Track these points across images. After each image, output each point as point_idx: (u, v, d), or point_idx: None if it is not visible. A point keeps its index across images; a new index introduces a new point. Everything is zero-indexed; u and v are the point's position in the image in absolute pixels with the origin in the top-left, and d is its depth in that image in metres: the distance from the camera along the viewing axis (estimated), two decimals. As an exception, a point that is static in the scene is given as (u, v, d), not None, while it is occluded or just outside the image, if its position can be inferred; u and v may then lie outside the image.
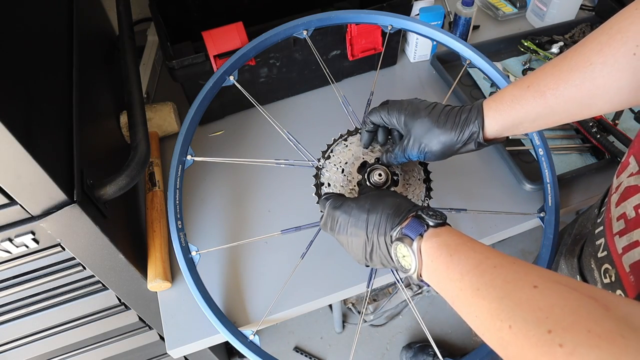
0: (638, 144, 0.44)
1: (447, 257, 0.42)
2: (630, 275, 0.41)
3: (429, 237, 0.44)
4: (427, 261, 0.44)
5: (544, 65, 0.49)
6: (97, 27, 0.87)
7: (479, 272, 0.38)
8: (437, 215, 0.46)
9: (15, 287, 0.59)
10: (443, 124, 0.53)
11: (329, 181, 0.60)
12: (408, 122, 0.55)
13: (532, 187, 0.75)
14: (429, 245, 0.44)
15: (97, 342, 0.81)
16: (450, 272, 0.41)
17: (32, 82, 0.50)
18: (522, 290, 0.34)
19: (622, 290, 0.42)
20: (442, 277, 0.42)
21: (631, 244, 0.41)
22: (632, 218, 0.42)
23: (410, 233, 0.45)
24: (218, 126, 0.90)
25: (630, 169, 0.44)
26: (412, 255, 0.44)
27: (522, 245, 1.69)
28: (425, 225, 0.45)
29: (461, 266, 0.40)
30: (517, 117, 0.50)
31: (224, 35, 0.76)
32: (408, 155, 0.56)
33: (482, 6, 1.16)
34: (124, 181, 0.56)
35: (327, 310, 1.53)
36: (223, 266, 0.71)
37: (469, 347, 1.47)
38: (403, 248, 0.45)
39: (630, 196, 0.42)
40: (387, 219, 0.48)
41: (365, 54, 0.90)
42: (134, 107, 0.66)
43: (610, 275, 0.45)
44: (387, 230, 0.47)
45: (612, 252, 0.45)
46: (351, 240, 0.50)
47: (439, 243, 0.43)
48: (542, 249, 0.68)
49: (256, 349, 0.60)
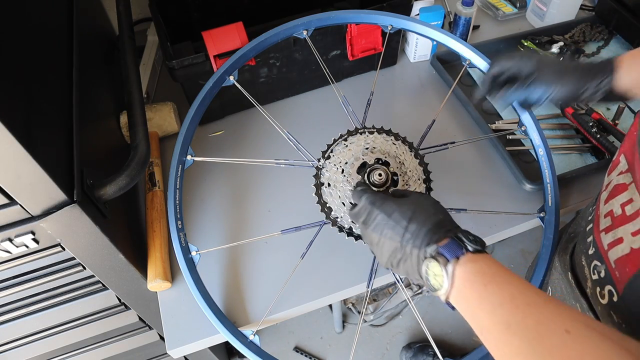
0: (628, 143, 0.44)
1: (481, 285, 0.40)
2: (616, 271, 0.42)
3: (465, 262, 0.42)
4: (459, 286, 0.42)
5: None
6: (97, 27, 0.87)
7: (512, 307, 0.37)
8: (477, 241, 0.44)
9: (15, 287, 0.59)
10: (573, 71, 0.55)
11: (329, 181, 0.60)
12: (539, 64, 0.56)
13: (532, 187, 0.75)
14: (464, 269, 0.42)
15: (97, 342, 0.81)
16: (483, 302, 0.39)
17: (32, 82, 0.50)
18: (554, 335, 0.33)
19: (612, 286, 0.43)
20: (473, 306, 0.41)
21: (615, 240, 0.42)
22: (618, 215, 0.42)
23: (447, 253, 0.43)
24: (218, 126, 0.90)
25: (620, 168, 0.44)
26: (446, 276, 0.42)
27: (522, 245, 1.69)
28: (463, 249, 0.43)
29: (494, 298, 0.39)
30: None
31: (224, 35, 0.76)
32: (530, 93, 0.56)
33: (482, 6, 1.16)
34: (124, 181, 0.56)
35: (327, 310, 1.53)
36: (223, 266, 0.71)
37: (469, 347, 1.47)
38: (437, 267, 0.43)
39: (618, 194, 0.43)
40: (426, 232, 0.46)
41: (365, 54, 0.90)
42: (134, 107, 0.66)
43: (599, 271, 0.46)
44: (422, 244, 0.46)
45: (599, 249, 0.45)
46: (383, 242, 0.49)
47: (475, 270, 0.42)
48: (542, 249, 0.68)
49: (256, 349, 0.60)
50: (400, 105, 0.94)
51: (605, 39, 1.01)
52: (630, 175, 0.42)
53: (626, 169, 0.43)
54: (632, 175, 0.42)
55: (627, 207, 0.41)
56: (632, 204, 0.41)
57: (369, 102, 0.71)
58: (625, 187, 0.42)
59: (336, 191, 0.59)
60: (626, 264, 0.40)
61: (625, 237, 0.41)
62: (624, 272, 0.40)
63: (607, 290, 0.44)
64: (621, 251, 0.41)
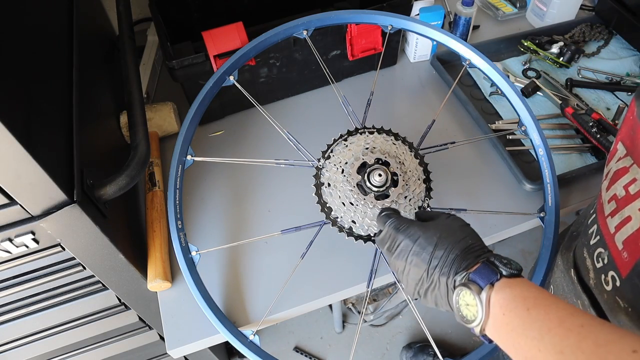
0: (625, 128, 0.44)
1: (524, 310, 0.37)
2: (624, 252, 0.40)
3: (501, 288, 0.39)
4: (496, 314, 0.39)
5: None
6: (97, 27, 0.87)
7: (563, 331, 0.33)
8: (512, 264, 0.41)
9: (15, 287, 0.59)
10: None
11: (329, 181, 0.60)
12: None
13: (532, 187, 0.75)
14: (501, 296, 0.39)
15: (97, 342, 0.81)
16: (527, 329, 0.35)
17: (32, 82, 0.50)
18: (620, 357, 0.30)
19: (615, 271, 0.42)
20: (515, 334, 0.37)
21: (623, 221, 0.41)
22: (622, 197, 0.42)
23: (479, 280, 0.40)
24: (218, 126, 0.90)
25: (618, 154, 0.44)
26: (480, 305, 0.39)
27: (522, 245, 1.69)
28: (498, 274, 0.40)
29: (540, 323, 0.35)
30: None
31: (224, 35, 0.76)
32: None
33: (482, 6, 1.16)
34: (124, 181, 0.56)
35: (327, 310, 1.53)
36: (223, 266, 0.71)
37: (469, 347, 1.47)
38: (469, 296, 0.40)
39: (619, 178, 0.43)
40: (454, 259, 0.43)
41: (365, 54, 0.90)
42: (134, 107, 0.66)
43: (602, 258, 0.45)
44: (451, 272, 0.43)
45: (604, 235, 0.45)
46: (408, 270, 0.46)
47: (513, 295, 0.38)
48: (542, 249, 0.68)
49: (256, 349, 0.60)
50: (400, 105, 0.94)
51: (605, 39, 1.01)
52: (630, 158, 0.42)
53: (625, 154, 0.43)
54: (632, 158, 0.42)
55: (631, 187, 0.40)
56: (635, 183, 0.40)
57: (369, 102, 0.71)
58: (626, 170, 0.42)
59: (336, 191, 0.59)
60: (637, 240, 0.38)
61: (633, 215, 0.39)
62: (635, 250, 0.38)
63: (611, 276, 0.43)
64: (631, 229, 0.39)
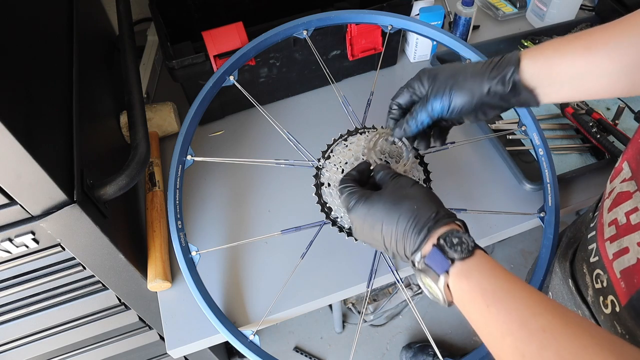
0: (632, 150, 0.43)
1: (484, 307, 0.36)
2: (621, 282, 0.40)
3: (458, 277, 0.38)
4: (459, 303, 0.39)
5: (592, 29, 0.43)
6: (97, 27, 0.87)
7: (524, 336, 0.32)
8: (463, 244, 0.39)
9: (15, 287, 0.59)
10: (472, 67, 0.46)
11: (329, 181, 0.60)
12: (432, 76, 0.48)
13: (532, 187, 0.75)
14: (459, 286, 0.38)
15: (97, 342, 0.81)
16: (489, 327, 0.35)
17: (32, 82, 0.50)
18: None
19: (614, 296, 0.42)
20: (479, 328, 0.37)
21: (621, 250, 0.40)
22: (623, 224, 0.41)
23: (434, 267, 0.39)
24: (218, 126, 0.90)
25: (623, 175, 0.43)
26: (439, 292, 0.39)
27: (522, 245, 1.69)
28: (449, 260, 0.39)
29: (501, 323, 0.34)
30: (557, 66, 0.43)
31: (224, 35, 0.76)
32: (431, 107, 0.47)
33: (482, 6, 1.16)
34: (124, 181, 0.56)
35: (327, 310, 1.53)
36: (223, 266, 0.71)
37: (469, 347, 1.47)
38: (429, 281, 0.40)
39: (622, 202, 0.42)
40: (403, 233, 0.42)
41: (365, 54, 0.90)
42: (134, 107, 0.66)
43: (602, 280, 0.44)
44: (406, 248, 0.42)
45: (603, 258, 0.44)
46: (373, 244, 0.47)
47: (470, 287, 0.37)
48: (542, 249, 0.68)
49: (256, 349, 0.60)
50: (400, 105, 0.94)
51: (605, 39, 1.01)
52: (634, 183, 0.41)
53: (630, 177, 0.42)
54: (636, 183, 0.40)
55: (632, 216, 0.39)
56: (637, 212, 0.39)
57: (369, 102, 0.71)
58: (630, 195, 0.41)
59: (336, 191, 0.59)
60: (633, 275, 0.38)
61: (631, 247, 0.39)
62: (631, 283, 0.38)
63: (610, 300, 0.42)
64: (627, 261, 0.39)
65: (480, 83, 0.45)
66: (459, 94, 0.46)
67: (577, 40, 0.43)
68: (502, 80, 0.45)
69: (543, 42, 0.45)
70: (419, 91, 0.50)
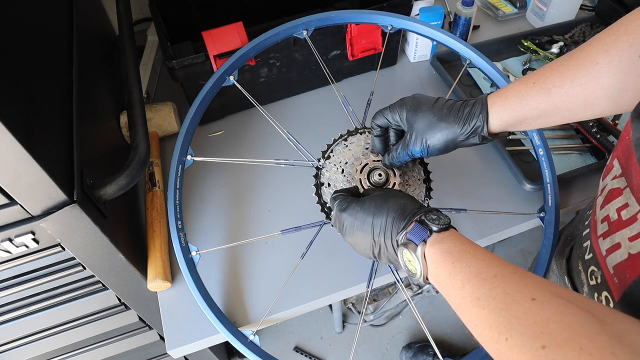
0: (621, 147, 0.44)
1: (450, 264, 0.42)
2: (614, 277, 0.41)
3: (432, 244, 0.44)
4: (431, 267, 0.44)
5: (550, 63, 0.49)
6: (97, 27, 0.87)
7: (479, 281, 0.38)
8: (441, 220, 0.46)
9: (15, 287, 0.59)
10: (446, 118, 0.52)
11: (329, 181, 0.60)
12: (410, 117, 0.54)
13: (532, 187, 0.75)
14: (432, 251, 0.44)
15: (97, 342, 0.81)
16: (452, 279, 0.41)
17: (32, 82, 0.50)
18: (520, 303, 0.34)
19: (609, 292, 0.43)
20: (444, 284, 0.42)
21: (613, 246, 0.41)
22: (614, 220, 0.42)
23: (414, 239, 0.45)
24: (218, 126, 0.90)
25: (614, 172, 0.44)
26: (417, 260, 0.44)
27: (522, 245, 1.69)
28: (428, 231, 0.45)
29: (462, 274, 0.40)
30: (522, 113, 0.49)
31: (224, 35, 0.76)
32: (411, 152, 0.55)
33: (482, 6, 1.16)
34: (124, 181, 0.56)
35: (327, 310, 1.53)
36: (223, 266, 0.71)
37: (469, 347, 1.47)
38: (408, 253, 0.45)
39: (614, 199, 0.43)
40: (392, 222, 0.48)
41: (365, 54, 0.90)
42: (134, 107, 0.66)
43: (596, 277, 0.45)
44: (392, 234, 0.47)
45: (597, 254, 0.45)
46: (359, 242, 0.51)
47: (442, 250, 0.43)
48: (542, 249, 0.68)
49: (256, 349, 0.60)
50: (400, 105, 0.94)
51: (605, 39, 1.01)
52: (624, 179, 0.42)
53: (620, 173, 0.43)
54: (626, 180, 0.41)
55: (623, 212, 0.41)
56: (627, 208, 0.40)
57: (369, 102, 0.71)
58: (620, 192, 0.42)
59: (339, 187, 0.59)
60: (625, 269, 0.39)
61: (622, 243, 0.40)
62: (623, 278, 0.40)
63: (604, 297, 0.44)
64: (620, 257, 0.40)
65: (453, 135, 0.52)
66: (434, 143, 0.53)
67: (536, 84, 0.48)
68: (473, 133, 0.52)
69: (504, 89, 0.51)
70: (394, 123, 0.57)
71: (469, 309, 0.38)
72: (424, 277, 0.45)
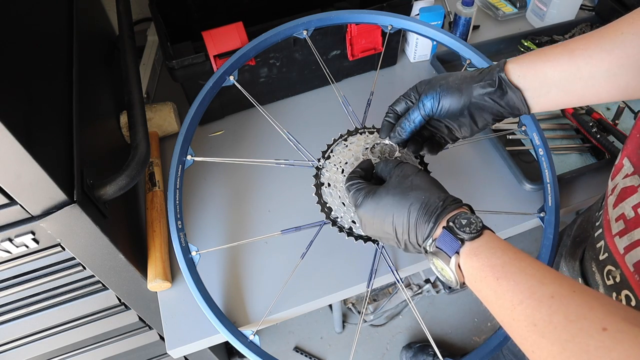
0: (631, 145, 0.44)
1: (493, 281, 0.37)
2: (636, 275, 0.41)
3: (468, 255, 0.40)
4: (469, 280, 0.40)
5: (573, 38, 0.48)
6: (97, 27, 0.87)
7: (534, 302, 0.34)
8: (472, 225, 0.41)
9: (15, 287, 0.59)
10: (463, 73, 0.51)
11: (329, 181, 0.60)
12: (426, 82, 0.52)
13: (532, 187, 0.75)
14: (469, 264, 0.40)
15: (97, 342, 0.81)
16: (500, 299, 0.36)
17: (32, 82, 0.50)
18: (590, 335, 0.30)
19: (630, 290, 0.42)
20: (490, 302, 0.38)
21: (633, 244, 0.41)
22: (631, 218, 0.41)
23: (445, 249, 0.41)
24: (218, 126, 0.90)
25: (625, 170, 0.44)
26: (451, 272, 0.41)
27: (522, 245, 1.69)
28: (459, 240, 0.41)
29: (511, 294, 0.35)
30: (542, 70, 0.47)
31: (224, 35, 0.76)
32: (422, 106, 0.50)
33: (482, 6, 1.16)
34: (124, 181, 0.56)
35: (327, 310, 1.53)
36: (223, 266, 0.71)
37: (469, 347, 1.47)
38: (439, 262, 0.42)
39: (628, 197, 0.42)
40: (415, 223, 0.43)
41: (365, 54, 0.90)
42: (134, 107, 0.66)
43: (614, 276, 0.45)
44: (418, 238, 0.44)
45: (613, 254, 0.44)
46: (382, 238, 0.48)
47: (481, 265, 0.39)
48: (542, 249, 0.68)
49: (256, 349, 0.60)
50: (400, 105, 0.94)
51: (605, 39, 1.01)
52: (637, 177, 0.41)
53: (632, 172, 0.42)
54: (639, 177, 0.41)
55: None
56: None
57: (369, 102, 0.71)
58: (635, 190, 0.41)
59: (336, 191, 0.59)
60: None
61: None
62: None
63: (624, 295, 0.43)
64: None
65: (468, 83, 0.49)
66: (448, 92, 0.49)
67: (559, 46, 0.47)
68: (490, 79, 0.48)
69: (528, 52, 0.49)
70: (414, 98, 0.53)
71: (524, 333, 0.34)
72: (461, 284, 0.42)
